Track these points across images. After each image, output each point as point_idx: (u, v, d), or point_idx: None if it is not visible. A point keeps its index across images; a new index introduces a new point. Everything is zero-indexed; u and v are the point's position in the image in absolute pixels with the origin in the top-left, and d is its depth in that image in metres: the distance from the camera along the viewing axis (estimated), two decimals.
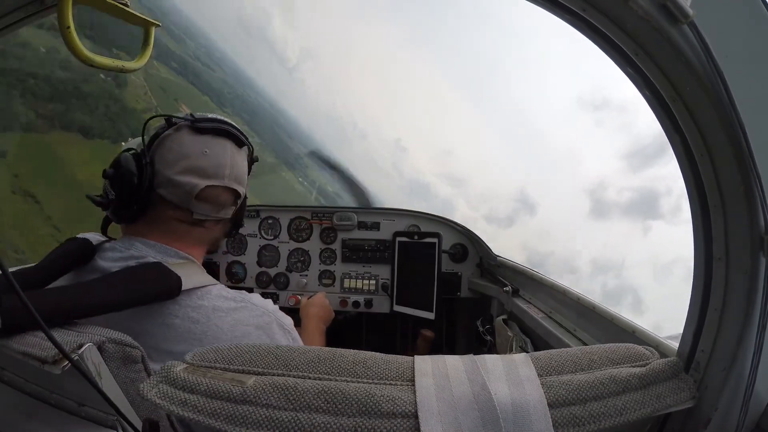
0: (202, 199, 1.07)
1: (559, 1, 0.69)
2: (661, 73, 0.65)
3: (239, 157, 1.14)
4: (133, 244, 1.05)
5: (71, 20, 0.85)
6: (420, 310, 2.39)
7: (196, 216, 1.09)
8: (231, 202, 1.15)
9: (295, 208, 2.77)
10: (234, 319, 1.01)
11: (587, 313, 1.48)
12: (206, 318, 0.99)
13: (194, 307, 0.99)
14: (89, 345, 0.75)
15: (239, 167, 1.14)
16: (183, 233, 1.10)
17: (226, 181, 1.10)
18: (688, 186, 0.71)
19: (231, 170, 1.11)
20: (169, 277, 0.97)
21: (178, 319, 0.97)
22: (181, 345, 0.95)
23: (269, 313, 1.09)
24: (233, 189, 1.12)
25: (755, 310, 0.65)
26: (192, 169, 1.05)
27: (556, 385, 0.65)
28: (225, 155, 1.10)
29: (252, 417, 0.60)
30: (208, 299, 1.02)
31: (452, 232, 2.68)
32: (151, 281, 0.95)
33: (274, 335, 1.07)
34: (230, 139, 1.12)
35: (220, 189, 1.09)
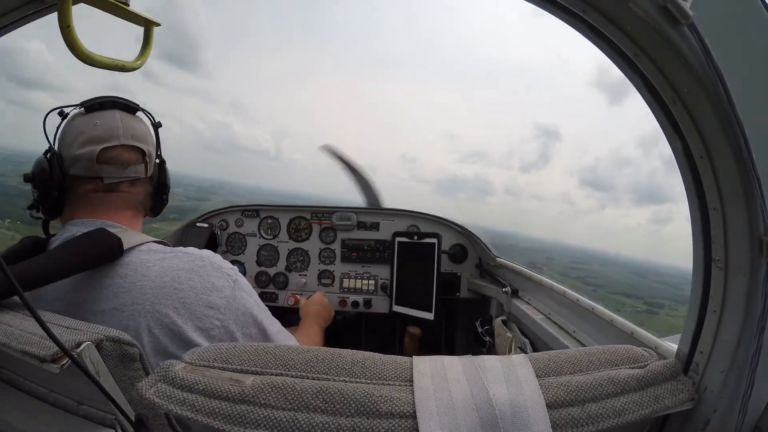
0: (104, 161, 1.10)
1: (559, 2, 0.69)
2: (661, 74, 0.65)
3: (133, 121, 1.18)
4: (67, 229, 1.09)
5: (71, 20, 0.85)
6: (419, 311, 2.39)
7: (107, 180, 1.11)
8: (136, 160, 1.16)
9: (295, 208, 2.77)
10: (161, 266, 1.01)
11: (586, 315, 1.49)
12: (133, 272, 0.99)
13: (123, 264, 1.00)
14: (88, 343, 0.75)
15: (133, 128, 1.16)
16: (102, 202, 1.13)
17: (122, 140, 1.12)
18: (688, 187, 0.71)
19: (125, 131, 1.13)
20: (109, 238, 0.99)
21: (109, 278, 0.98)
22: (111, 301, 0.96)
23: (202, 257, 1.07)
24: (133, 146, 1.15)
25: (754, 312, 0.65)
26: (88, 140, 1.10)
27: (554, 386, 0.65)
28: (115, 119, 1.14)
29: (250, 416, 0.60)
30: (136, 255, 1.03)
31: (452, 233, 2.68)
32: (91, 246, 0.97)
33: (210, 278, 1.03)
34: (118, 108, 1.16)
35: (119, 149, 1.12)
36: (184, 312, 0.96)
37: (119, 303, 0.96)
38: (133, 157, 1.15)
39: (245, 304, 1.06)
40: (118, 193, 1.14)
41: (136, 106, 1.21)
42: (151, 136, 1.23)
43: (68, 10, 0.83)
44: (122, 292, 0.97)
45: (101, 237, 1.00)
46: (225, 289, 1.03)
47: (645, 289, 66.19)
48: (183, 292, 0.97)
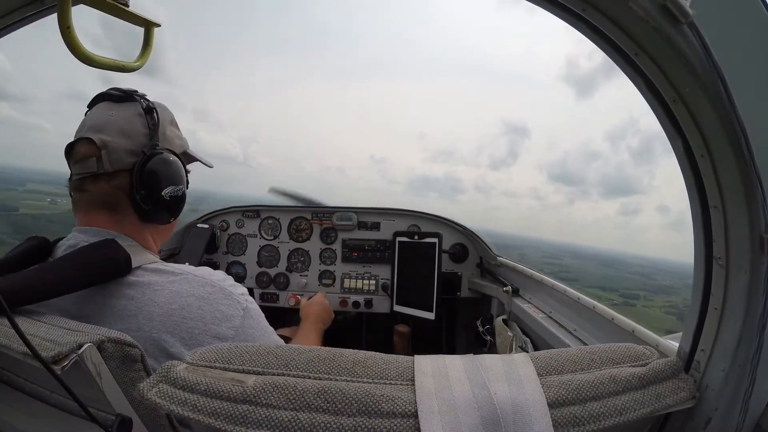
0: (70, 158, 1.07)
1: (559, 1, 0.69)
2: (661, 73, 0.65)
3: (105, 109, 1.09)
4: (72, 234, 1.06)
5: (71, 20, 0.85)
6: (420, 310, 2.39)
7: (74, 177, 1.07)
8: (91, 153, 1.04)
9: (296, 209, 2.77)
10: (170, 291, 0.97)
11: (587, 313, 1.49)
12: (141, 294, 0.96)
13: (129, 284, 0.96)
14: (89, 345, 0.75)
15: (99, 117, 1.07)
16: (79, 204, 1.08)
17: (81, 133, 1.06)
18: (689, 186, 0.71)
19: (88, 121, 1.07)
20: (117, 254, 0.96)
21: (114, 298, 0.95)
22: (117, 323, 0.93)
23: (212, 283, 1.02)
24: (88, 138, 1.04)
25: (755, 309, 0.65)
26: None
27: (555, 384, 0.65)
28: (89, 115, 1.09)
29: (252, 416, 0.60)
30: (143, 275, 0.99)
31: (452, 232, 2.68)
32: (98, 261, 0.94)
33: (219, 306, 1.00)
34: (104, 99, 1.11)
35: (79, 143, 1.06)
36: (191, 342, 0.94)
37: (124, 327, 0.93)
38: (87, 150, 1.04)
39: (253, 334, 1.04)
40: (83, 192, 1.06)
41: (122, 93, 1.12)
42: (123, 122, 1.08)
43: (68, 11, 0.83)
44: (128, 316, 0.94)
45: (109, 251, 0.96)
46: (234, 318, 1.01)
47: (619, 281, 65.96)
48: (191, 322, 0.95)
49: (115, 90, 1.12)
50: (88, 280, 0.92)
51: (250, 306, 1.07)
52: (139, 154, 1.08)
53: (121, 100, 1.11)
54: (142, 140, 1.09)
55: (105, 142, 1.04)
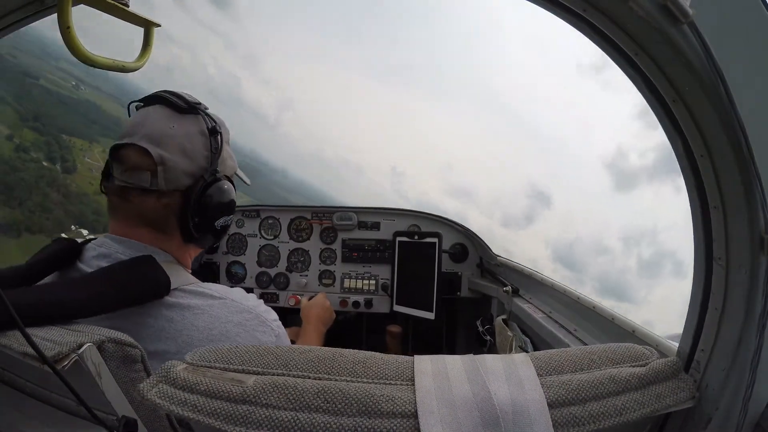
0: (116, 159, 1.01)
1: (559, 1, 0.69)
2: (661, 73, 0.65)
3: (165, 119, 1.02)
4: (105, 242, 1.03)
5: (71, 20, 0.85)
6: (420, 310, 2.39)
7: (117, 182, 1.01)
8: (145, 166, 0.99)
9: (296, 208, 2.77)
10: (210, 316, 0.97)
11: (587, 313, 1.49)
12: (180, 317, 0.95)
13: (169, 305, 0.95)
14: (89, 345, 0.75)
15: (157, 128, 1.01)
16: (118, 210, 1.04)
17: (134, 139, 0.99)
18: (689, 186, 0.71)
19: (142, 128, 1.00)
20: (157, 276, 0.94)
21: (152, 318, 0.94)
22: (155, 344, 0.93)
23: (249, 309, 1.03)
24: (143, 148, 0.98)
25: (755, 309, 0.65)
26: (119, 136, 1.03)
27: (555, 385, 0.65)
28: (145, 117, 1.03)
29: (252, 417, 0.60)
30: (183, 297, 0.98)
31: (452, 232, 2.68)
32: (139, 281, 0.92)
33: (255, 333, 1.01)
34: (162, 103, 1.05)
35: (130, 148, 0.99)
36: None
37: (163, 348, 0.92)
38: (140, 161, 0.99)
39: None
40: (127, 201, 1.02)
41: (185, 104, 1.05)
42: (185, 139, 1.03)
43: (68, 12, 0.83)
44: (167, 338, 0.93)
45: (148, 273, 0.93)
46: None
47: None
48: None
49: (178, 97, 1.05)
50: (126, 302, 0.90)
51: (280, 332, 1.09)
52: (197, 178, 1.05)
53: (183, 111, 1.05)
54: (202, 163, 1.06)
55: (163, 158, 0.99)
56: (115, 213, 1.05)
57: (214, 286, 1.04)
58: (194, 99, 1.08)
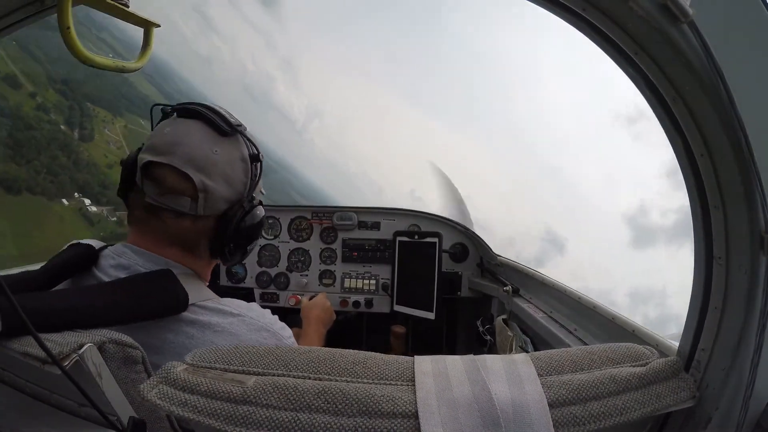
0: (149, 176, 0.98)
1: (559, 1, 0.69)
2: (661, 72, 0.65)
3: (207, 142, 0.99)
4: (125, 252, 1.01)
5: (71, 21, 0.85)
6: (420, 310, 2.39)
7: (147, 199, 0.98)
8: (182, 189, 0.97)
9: (296, 208, 2.77)
10: (230, 334, 0.98)
11: (587, 313, 1.49)
12: (201, 334, 0.96)
13: (189, 321, 0.95)
14: (89, 345, 0.75)
15: (200, 152, 0.97)
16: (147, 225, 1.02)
17: (173, 160, 0.95)
18: (689, 185, 0.71)
19: (183, 149, 0.96)
20: (176, 291, 0.93)
21: (172, 333, 0.94)
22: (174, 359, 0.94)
23: (266, 327, 1.04)
24: (183, 172, 0.95)
25: (755, 309, 0.65)
26: (150, 146, 0.99)
27: (556, 384, 0.65)
28: (184, 134, 0.98)
29: (252, 417, 0.60)
30: (202, 313, 0.98)
31: (453, 232, 2.67)
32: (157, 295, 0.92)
33: None
34: (201, 120, 1.00)
35: (166, 168, 0.96)
36: None
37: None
38: (179, 185, 0.96)
39: None
40: (158, 219, 1.00)
41: (229, 127, 1.01)
42: (228, 166, 1.01)
43: (68, 12, 0.83)
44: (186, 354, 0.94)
45: (167, 287, 0.93)
46: None
47: None
48: None
49: (221, 118, 1.01)
50: (142, 314, 0.90)
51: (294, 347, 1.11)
52: (234, 204, 1.04)
53: (225, 134, 1.01)
54: (240, 189, 1.04)
55: (206, 186, 0.97)
56: (141, 228, 1.02)
57: (232, 303, 1.04)
58: (236, 120, 1.04)
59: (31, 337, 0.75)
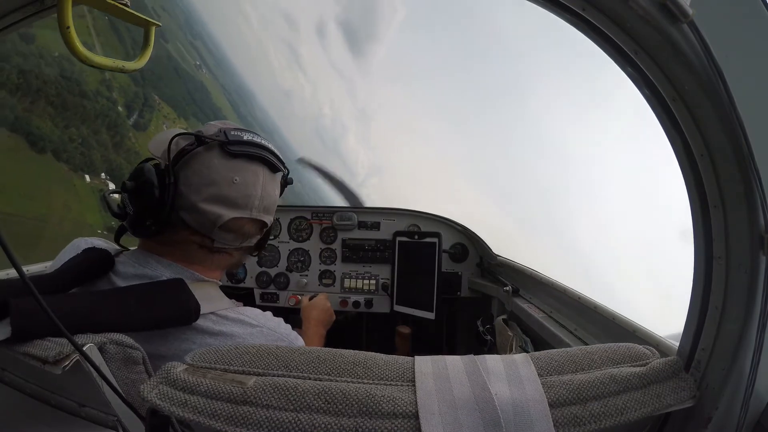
0: (226, 229, 1.02)
1: (559, 1, 0.69)
2: (661, 72, 0.65)
3: (271, 186, 1.08)
4: (149, 262, 1.02)
5: (71, 20, 0.85)
6: (420, 310, 2.39)
7: (218, 245, 1.04)
8: (256, 232, 1.11)
9: (295, 208, 2.77)
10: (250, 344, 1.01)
11: (588, 313, 1.49)
12: (222, 344, 0.97)
13: (211, 333, 0.97)
14: (90, 345, 0.75)
15: (270, 197, 1.08)
16: (202, 258, 1.06)
17: (254, 213, 1.04)
18: (688, 185, 0.71)
19: (260, 201, 1.04)
20: (188, 300, 0.94)
21: (195, 345, 0.94)
22: None
23: (283, 338, 1.08)
24: (260, 220, 1.07)
25: (755, 308, 0.65)
26: (219, 198, 0.98)
27: (556, 385, 0.65)
28: (256, 185, 1.03)
29: (253, 418, 0.60)
30: (225, 324, 0.99)
31: (452, 232, 2.67)
32: (169, 303, 0.92)
33: None
34: (264, 164, 1.05)
35: (245, 220, 1.04)
36: None
37: None
38: (255, 230, 1.09)
39: None
40: (222, 255, 1.07)
41: (281, 165, 1.10)
42: (276, 203, 1.13)
43: (68, 12, 0.83)
44: None
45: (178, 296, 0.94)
46: None
47: None
48: None
49: (275, 157, 1.08)
50: (157, 324, 0.91)
51: None
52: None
53: (276, 170, 1.10)
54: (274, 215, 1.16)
55: (270, 224, 1.12)
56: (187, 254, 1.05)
57: (249, 312, 1.07)
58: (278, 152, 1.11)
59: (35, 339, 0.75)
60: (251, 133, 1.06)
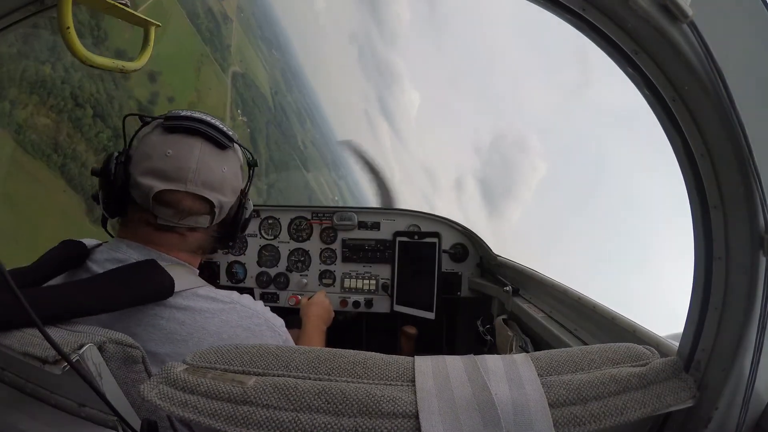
0: (162, 203, 0.99)
1: (559, 1, 0.69)
2: (661, 72, 0.65)
3: (214, 161, 1.02)
4: (120, 247, 1.03)
5: (71, 20, 0.85)
6: (420, 310, 2.39)
7: (161, 221, 1.02)
8: (200, 210, 1.03)
9: (295, 208, 2.77)
10: (221, 320, 1.00)
11: (588, 313, 1.49)
12: (192, 320, 0.97)
13: (180, 308, 0.97)
14: (90, 345, 0.75)
15: (211, 172, 1.01)
16: (159, 238, 1.05)
17: (189, 187, 0.99)
18: (688, 186, 0.71)
19: (196, 175, 0.99)
20: (162, 277, 0.95)
21: (164, 320, 0.96)
22: (166, 346, 0.94)
23: (258, 314, 1.07)
24: (201, 196, 1.01)
25: (755, 309, 0.65)
26: (152, 170, 0.98)
27: (556, 385, 0.65)
28: (190, 158, 0.99)
29: (252, 417, 0.60)
30: (194, 300, 1.00)
31: (452, 232, 2.67)
32: (143, 281, 0.93)
33: (263, 338, 1.05)
34: (204, 138, 1.02)
35: (181, 194, 0.99)
36: None
37: (174, 351, 0.94)
38: (197, 207, 1.02)
39: None
40: (172, 233, 1.05)
41: (228, 141, 1.05)
42: (234, 179, 1.07)
43: (68, 12, 0.83)
44: (179, 340, 0.95)
45: (152, 274, 0.95)
46: None
47: None
48: None
49: (219, 132, 1.04)
50: (131, 302, 0.92)
51: (287, 338, 1.14)
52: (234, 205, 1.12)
53: (225, 147, 1.06)
54: (239, 191, 1.13)
55: (222, 203, 1.05)
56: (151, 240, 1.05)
57: (224, 292, 1.07)
58: (230, 131, 1.09)
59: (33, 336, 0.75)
60: (200, 112, 1.07)
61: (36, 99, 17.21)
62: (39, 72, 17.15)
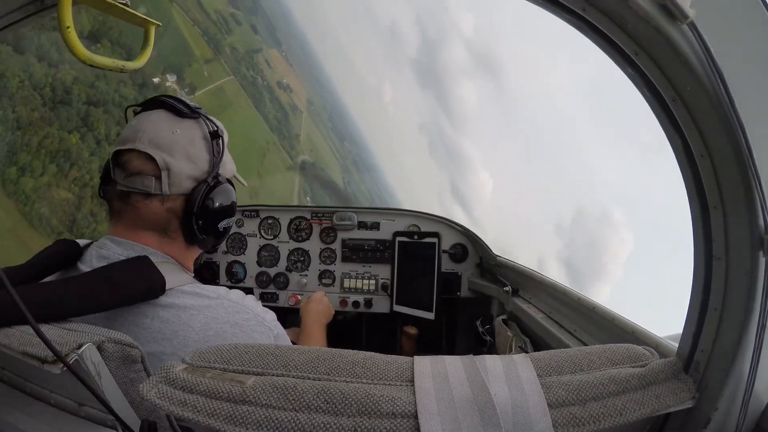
0: (119, 165, 1.02)
1: (559, 1, 0.69)
2: (661, 73, 0.65)
3: (167, 123, 1.03)
4: (105, 243, 1.04)
5: (71, 20, 0.85)
6: (420, 310, 2.39)
7: (119, 187, 1.01)
8: (149, 171, 1.00)
9: (295, 208, 2.78)
10: (206, 316, 0.98)
11: (587, 314, 1.49)
12: (176, 317, 0.96)
13: (164, 305, 0.96)
14: (89, 345, 0.75)
15: (160, 133, 1.01)
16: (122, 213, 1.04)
17: (137, 144, 0.99)
18: (688, 186, 0.71)
19: (145, 134, 1.00)
20: (152, 277, 0.94)
21: (148, 318, 0.95)
22: (151, 345, 0.93)
23: (246, 308, 1.04)
24: (146, 153, 0.99)
25: (755, 309, 0.65)
26: (118, 140, 1.04)
27: (555, 385, 0.65)
28: (146, 121, 1.03)
29: (252, 417, 0.60)
30: (179, 297, 0.98)
31: (452, 232, 2.67)
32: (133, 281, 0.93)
33: (252, 333, 1.02)
34: (163, 108, 1.06)
35: (133, 154, 1.00)
36: None
37: (159, 349, 0.93)
38: (144, 166, 1.00)
39: None
40: (129, 205, 1.02)
41: (187, 109, 1.06)
42: (188, 144, 1.04)
43: (68, 11, 0.83)
44: (163, 339, 0.94)
45: (144, 273, 0.94)
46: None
47: None
48: None
49: (179, 102, 1.06)
50: (120, 301, 0.91)
51: (279, 332, 1.10)
52: (200, 182, 1.06)
53: (185, 116, 1.06)
54: (204, 167, 1.07)
55: (168, 164, 1.00)
56: (118, 217, 1.05)
57: (211, 287, 1.05)
58: (194, 104, 1.09)
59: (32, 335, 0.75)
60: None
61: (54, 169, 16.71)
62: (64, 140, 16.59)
